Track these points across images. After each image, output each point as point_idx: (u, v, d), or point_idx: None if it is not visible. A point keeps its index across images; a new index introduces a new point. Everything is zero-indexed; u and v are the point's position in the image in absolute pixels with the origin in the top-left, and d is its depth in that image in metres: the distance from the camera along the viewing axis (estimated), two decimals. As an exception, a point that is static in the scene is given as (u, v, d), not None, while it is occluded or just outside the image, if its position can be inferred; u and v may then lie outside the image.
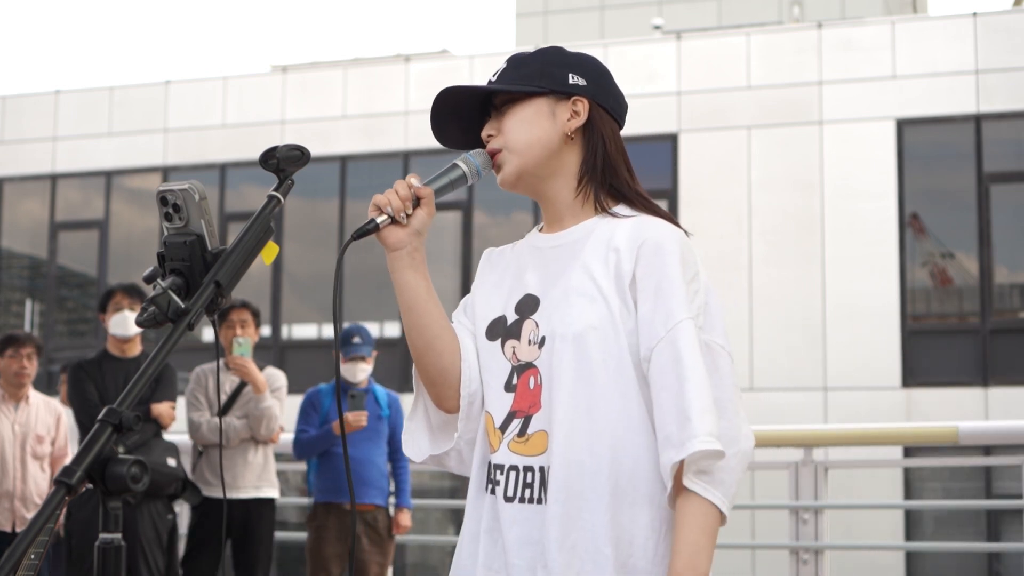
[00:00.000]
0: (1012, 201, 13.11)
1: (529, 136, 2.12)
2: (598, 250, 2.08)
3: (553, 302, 2.08)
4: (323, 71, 15.75)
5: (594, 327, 2.03)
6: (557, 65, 2.17)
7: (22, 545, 1.66)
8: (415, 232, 2.08)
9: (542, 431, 2.04)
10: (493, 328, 2.14)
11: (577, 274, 2.08)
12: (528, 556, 2.02)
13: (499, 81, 2.16)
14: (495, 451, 2.09)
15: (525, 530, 2.02)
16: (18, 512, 6.21)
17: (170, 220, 1.98)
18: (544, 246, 2.16)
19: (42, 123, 16.08)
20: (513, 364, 2.10)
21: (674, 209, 13.72)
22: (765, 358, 13.00)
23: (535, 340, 2.08)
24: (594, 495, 1.99)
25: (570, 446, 2.00)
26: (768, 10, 22.13)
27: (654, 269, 2.03)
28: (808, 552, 6.19)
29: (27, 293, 16.80)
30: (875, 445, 9.49)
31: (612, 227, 2.10)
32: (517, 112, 2.13)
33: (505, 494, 2.06)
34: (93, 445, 1.77)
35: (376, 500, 6.34)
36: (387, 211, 2.06)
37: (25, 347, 6.36)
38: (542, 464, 2.03)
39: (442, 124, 2.18)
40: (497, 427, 2.10)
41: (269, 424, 6.24)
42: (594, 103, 2.17)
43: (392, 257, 2.09)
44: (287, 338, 14.99)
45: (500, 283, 2.19)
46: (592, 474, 1.99)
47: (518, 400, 2.08)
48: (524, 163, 2.13)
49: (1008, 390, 12.46)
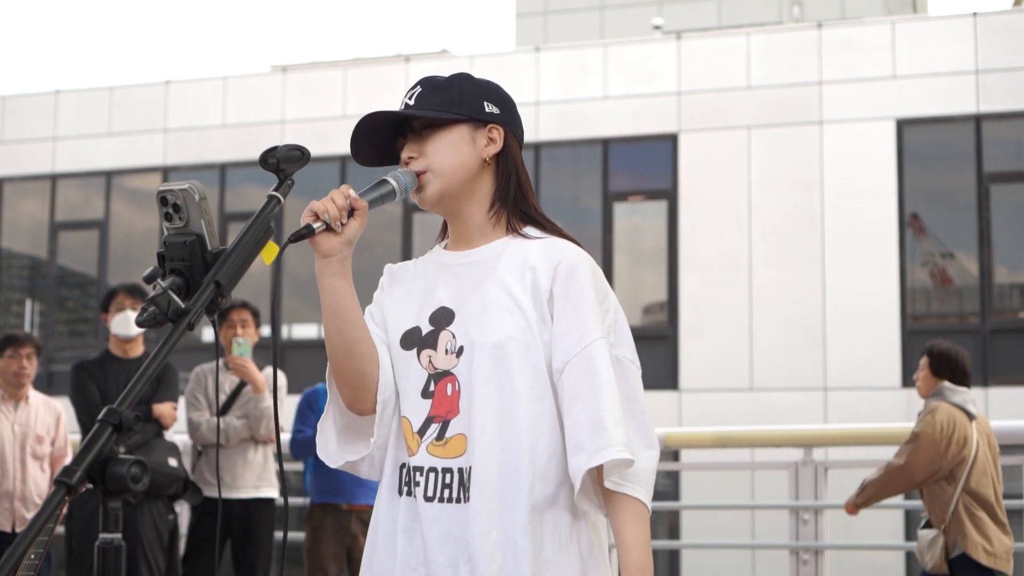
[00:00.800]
0: (1012, 201, 13.11)
1: (452, 161, 2.23)
2: (513, 267, 2.21)
3: (470, 314, 2.20)
4: (323, 71, 15.75)
5: (513, 337, 2.15)
6: (473, 94, 2.28)
7: (22, 545, 1.66)
8: (347, 241, 2.16)
9: (461, 435, 2.16)
10: (408, 338, 2.24)
11: (493, 288, 2.20)
12: (449, 552, 2.13)
13: (417, 104, 2.26)
14: (413, 454, 2.19)
15: (445, 528, 2.13)
16: (18, 512, 6.20)
17: (170, 220, 1.98)
18: (453, 263, 2.28)
19: (42, 123, 16.08)
20: (430, 372, 2.21)
21: (674, 209, 13.73)
22: (765, 358, 13.00)
23: (452, 349, 2.19)
24: (514, 493, 2.12)
25: (491, 448, 2.13)
26: (768, 10, 22.13)
27: (570, 289, 2.17)
28: (808, 552, 6.19)
29: (27, 293, 16.81)
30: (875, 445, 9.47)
31: (524, 247, 2.23)
32: (440, 137, 2.24)
33: (425, 494, 2.16)
34: (93, 445, 1.76)
35: (372, 500, 6.33)
36: (324, 218, 2.13)
37: (24, 347, 6.36)
38: (460, 465, 2.15)
39: (359, 142, 2.30)
40: (415, 431, 2.20)
41: (269, 424, 6.24)
42: (507, 131, 2.29)
43: (322, 263, 2.17)
44: (287, 338, 14.99)
45: (409, 296, 2.29)
46: (511, 474, 2.12)
47: (436, 406, 2.19)
48: (446, 185, 2.24)
49: (1008, 390, 12.46)
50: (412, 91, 2.29)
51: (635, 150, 14.12)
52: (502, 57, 15.02)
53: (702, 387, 13.22)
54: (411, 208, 14.11)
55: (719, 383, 13.05)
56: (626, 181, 14.18)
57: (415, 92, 2.28)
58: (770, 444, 6.71)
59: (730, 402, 12.80)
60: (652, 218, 14.01)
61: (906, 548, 11.99)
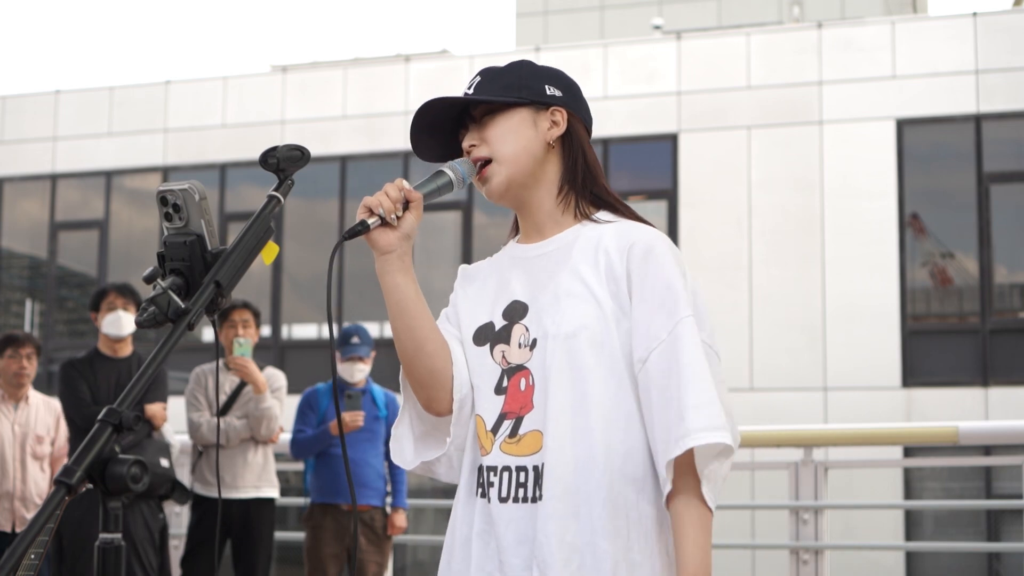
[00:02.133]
0: (1012, 201, 13.11)
1: (516, 146, 2.15)
2: (586, 253, 2.11)
3: (543, 306, 2.11)
4: (323, 71, 15.75)
5: (586, 326, 2.05)
6: (533, 77, 2.20)
7: (22, 545, 1.66)
8: (404, 235, 2.09)
9: (535, 431, 2.06)
10: (480, 333, 2.17)
11: (566, 278, 2.10)
12: (524, 555, 2.03)
13: (477, 92, 2.18)
14: (487, 453, 2.10)
15: (521, 529, 2.04)
16: (18, 512, 6.20)
17: (170, 220, 1.98)
18: (527, 256, 2.19)
19: (42, 123, 16.08)
20: (503, 367, 2.12)
21: (674, 209, 13.73)
22: (765, 358, 13.00)
23: (526, 343, 2.11)
24: (591, 491, 2.01)
25: (566, 443, 2.03)
26: (768, 10, 22.13)
27: (648, 271, 2.06)
28: (808, 552, 6.19)
29: (27, 293, 16.81)
30: (875, 445, 9.48)
31: (598, 232, 2.13)
32: (501, 123, 2.16)
33: (499, 495, 2.07)
34: (93, 445, 1.76)
35: (372, 501, 6.35)
36: (378, 212, 2.06)
37: (24, 347, 6.36)
38: (535, 463, 2.05)
39: (419, 137, 2.21)
40: (488, 429, 2.11)
41: (269, 424, 6.24)
42: (571, 113, 2.21)
43: (382, 260, 2.10)
44: (287, 338, 14.98)
45: (482, 293, 2.21)
46: (588, 471, 2.01)
47: (509, 402, 2.10)
48: (512, 173, 2.16)
49: (1008, 390, 12.46)
50: (473, 81, 2.21)
51: (635, 150, 14.12)
52: (502, 57, 15.01)
53: None
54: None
55: (719, 383, 13.04)
56: (626, 181, 14.18)
57: (475, 81, 2.20)
58: (770, 444, 6.69)
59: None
60: (652, 218, 13.84)
61: (906, 548, 12.02)
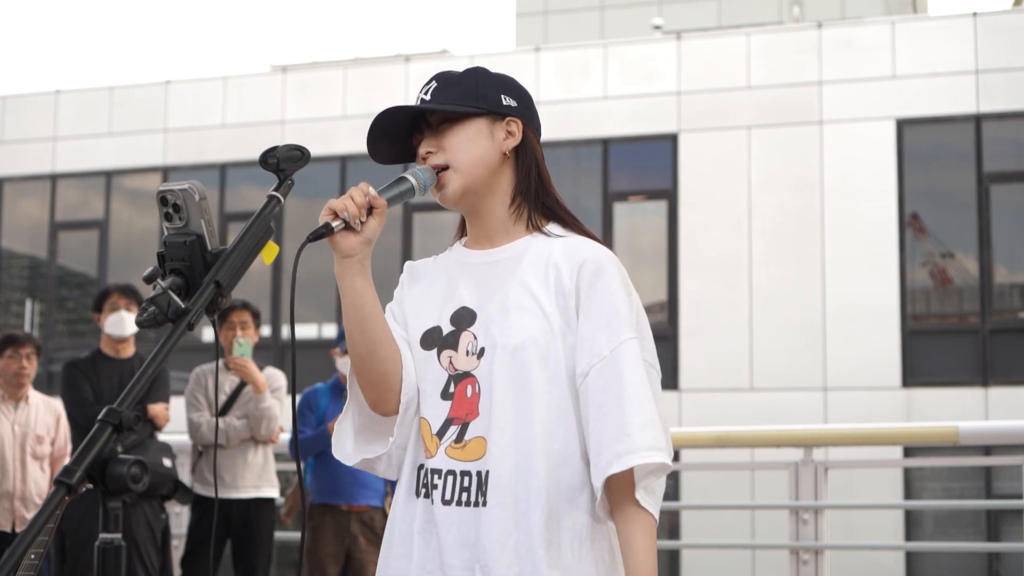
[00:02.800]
0: (1012, 201, 13.10)
1: (472, 155, 2.19)
2: (536, 267, 2.16)
3: (491, 315, 2.15)
4: (323, 71, 15.75)
5: (534, 339, 2.11)
6: (488, 86, 2.24)
7: (22, 545, 1.66)
8: (366, 240, 2.12)
9: (480, 437, 2.11)
10: (428, 338, 2.20)
11: (515, 289, 2.15)
12: (466, 557, 2.09)
13: (433, 99, 2.20)
14: (432, 456, 2.15)
15: (462, 532, 2.09)
16: (18, 512, 6.21)
17: (170, 220, 1.98)
18: (475, 262, 2.23)
19: (42, 123, 16.08)
20: (450, 373, 2.17)
21: (674, 209, 13.73)
22: (765, 358, 13.00)
23: (473, 351, 2.15)
24: (532, 499, 2.07)
25: (509, 451, 2.09)
26: (768, 10, 22.13)
27: (596, 289, 2.12)
28: (808, 552, 6.18)
29: (27, 293, 16.80)
30: (875, 445, 9.48)
31: (548, 245, 2.18)
32: (458, 132, 2.19)
33: (443, 497, 2.12)
34: (93, 445, 1.76)
35: (372, 501, 6.35)
36: (343, 216, 2.08)
37: (24, 347, 6.36)
38: (479, 469, 2.10)
39: (375, 140, 2.24)
40: (434, 433, 2.16)
41: (269, 424, 6.25)
42: (525, 123, 2.24)
43: (342, 263, 2.13)
44: (287, 338, 14.98)
45: (428, 294, 2.25)
46: (528, 478, 2.08)
47: (455, 407, 2.15)
48: (468, 181, 2.19)
49: (1008, 390, 12.46)
50: (427, 86, 2.23)
51: (635, 150, 14.12)
52: (502, 57, 15.02)
53: (702, 387, 13.22)
54: (411, 208, 14.11)
55: (719, 383, 13.05)
56: (626, 181, 14.18)
57: (430, 87, 2.23)
58: (770, 444, 6.70)
59: (730, 402, 12.80)
60: (652, 218, 14.01)
61: (906, 548, 12.02)
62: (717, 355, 13.13)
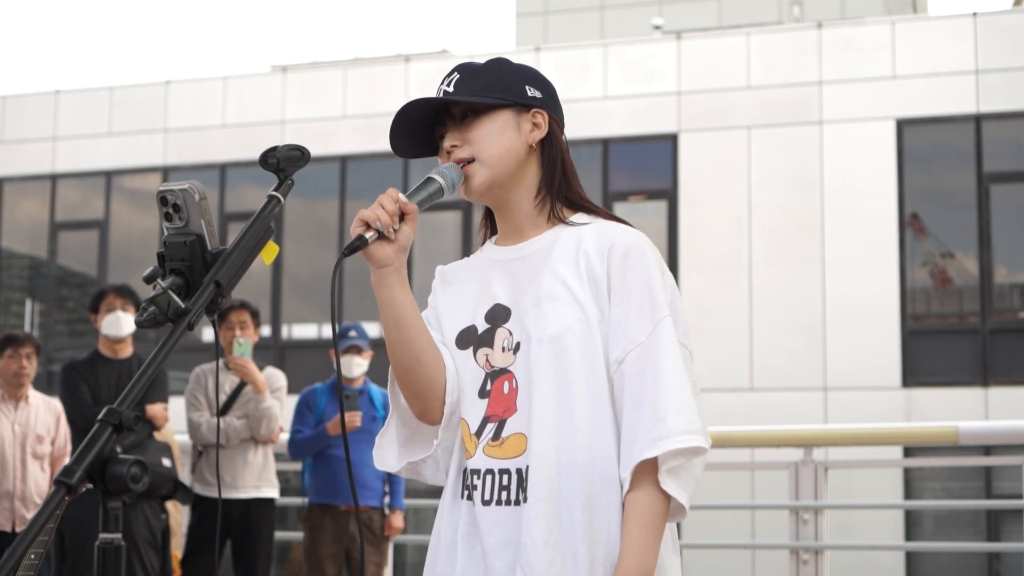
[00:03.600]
0: (1012, 201, 13.11)
1: (499, 148, 2.14)
2: (567, 256, 2.11)
3: (525, 309, 2.11)
4: (323, 71, 15.75)
5: (570, 329, 2.06)
6: (513, 76, 2.18)
7: (22, 545, 1.66)
8: (401, 248, 2.08)
9: (519, 434, 2.07)
10: (463, 337, 2.16)
11: (548, 280, 2.10)
12: (508, 558, 2.04)
13: (456, 90, 2.15)
14: (471, 456, 2.11)
15: (504, 532, 2.04)
16: (18, 512, 6.20)
17: (170, 220, 1.98)
18: (506, 258, 2.18)
19: (42, 123, 16.08)
20: (486, 371, 2.12)
21: (674, 209, 13.73)
22: (765, 358, 13.00)
23: (509, 347, 2.11)
24: (572, 494, 2.02)
25: (550, 446, 2.03)
26: (768, 10, 22.13)
27: (626, 272, 2.07)
28: (808, 552, 6.19)
29: (27, 293, 16.81)
30: (875, 445, 9.48)
31: (577, 234, 2.13)
32: (484, 124, 2.15)
33: (483, 498, 2.07)
34: (93, 445, 1.76)
35: (371, 502, 6.36)
36: (376, 226, 2.04)
37: (24, 347, 6.36)
38: (518, 466, 2.06)
39: (397, 134, 2.19)
40: (472, 433, 2.12)
41: (269, 424, 6.25)
42: (551, 115, 2.20)
43: (379, 274, 2.09)
44: (287, 338, 14.98)
45: (462, 295, 2.21)
46: (570, 474, 2.02)
47: (492, 405, 2.10)
48: (495, 174, 2.14)
49: (1008, 390, 12.46)
50: (449, 77, 2.17)
51: (635, 150, 14.12)
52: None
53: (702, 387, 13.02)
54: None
55: (719, 383, 13.05)
56: (626, 181, 14.18)
57: (453, 78, 2.16)
58: (770, 444, 6.70)
59: (730, 402, 12.80)
60: (652, 218, 14.01)
61: (906, 548, 12.02)
62: (717, 355, 13.13)
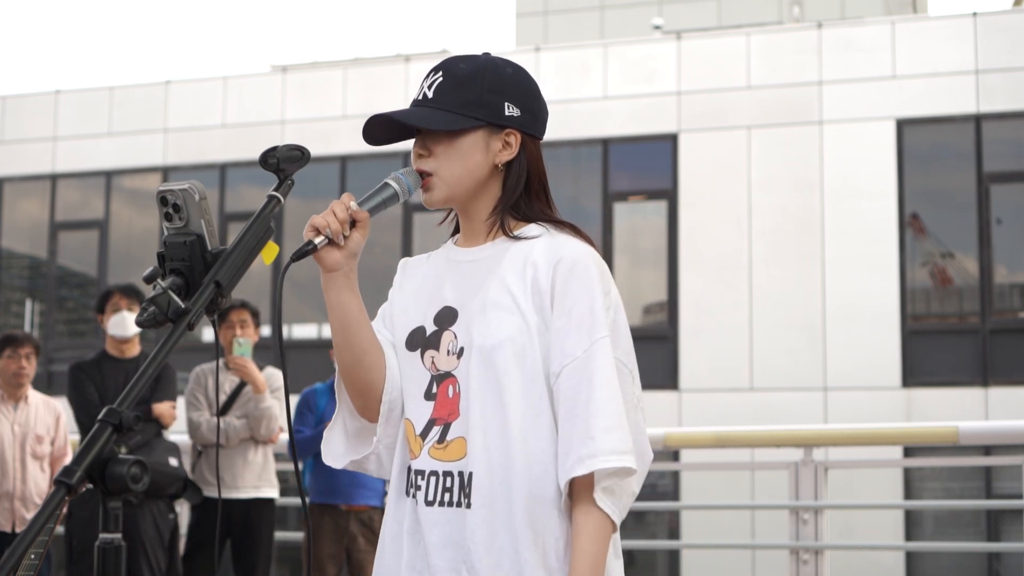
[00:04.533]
0: (1012, 201, 13.11)
1: (462, 169, 2.16)
2: (515, 265, 2.15)
3: (471, 314, 2.15)
4: (323, 71, 15.75)
5: (511, 339, 2.10)
6: (494, 91, 2.17)
7: (22, 545, 1.66)
8: (351, 254, 2.12)
9: (461, 438, 2.12)
10: (412, 338, 2.21)
11: (495, 288, 2.14)
12: (449, 557, 2.09)
13: (436, 97, 2.16)
14: (416, 457, 2.16)
15: (446, 532, 2.10)
16: (18, 512, 6.20)
17: (170, 220, 1.98)
18: (461, 260, 2.23)
19: (42, 123, 16.08)
20: (432, 373, 2.17)
21: (674, 209, 13.73)
22: (765, 358, 13.00)
23: (453, 350, 2.15)
24: (514, 500, 2.07)
25: (489, 452, 2.09)
26: (768, 10, 22.12)
27: (569, 287, 2.10)
28: (808, 552, 6.19)
29: (27, 293, 16.80)
30: (875, 445, 9.49)
31: (529, 244, 2.16)
32: (453, 142, 2.16)
33: (426, 498, 2.13)
34: (93, 445, 1.76)
35: (371, 501, 6.36)
36: (326, 233, 2.08)
37: (23, 347, 6.36)
38: (460, 469, 2.11)
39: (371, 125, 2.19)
40: (418, 434, 2.17)
41: (269, 424, 6.25)
42: (524, 134, 2.20)
43: (327, 277, 2.13)
44: (287, 338, 14.98)
45: (418, 294, 2.26)
46: (510, 480, 2.08)
47: (438, 408, 2.15)
48: (452, 193, 2.18)
49: (1008, 390, 12.46)
50: (434, 77, 2.19)
51: (635, 150, 14.12)
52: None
53: (702, 387, 13.22)
54: (411, 208, 14.11)
55: (719, 383, 13.05)
56: (626, 181, 14.18)
57: (436, 80, 2.18)
58: (770, 444, 6.70)
59: (730, 402, 12.80)
60: (652, 218, 14.01)
61: (906, 548, 12.02)
62: (717, 355, 13.13)
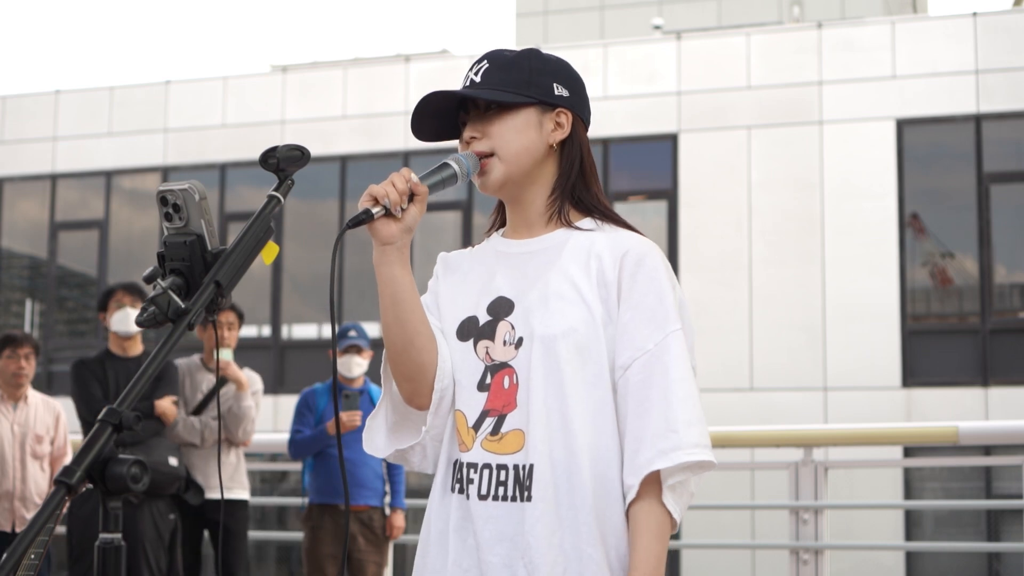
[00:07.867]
0: (1012, 201, 13.11)
1: (519, 146, 2.13)
2: (578, 257, 2.10)
3: (530, 305, 2.09)
4: (323, 71, 15.75)
5: (575, 329, 2.05)
6: (542, 73, 2.17)
7: (22, 545, 1.66)
8: (407, 228, 2.06)
9: (517, 430, 2.06)
10: (464, 328, 2.14)
11: (556, 278, 2.09)
12: (503, 553, 2.03)
13: (484, 81, 2.15)
14: (468, 450, 2.09)
15: (499, 527, 2.03)
16: (18, 512, 6.21)
17: (170, 220, 1.98)
18: (514, 251, 2.17)
19: (42, 123, 16.08)
20: (487, 364, 2.11)
21: (674, 209, 13.73)
22: (765, 358, 13.00)
23: (511, 341, 2.09)
24: (578, 494, 2.01)
25: (550, 445, 2.03)
26: (768, 10, 22.12)
27: (637, 280, 2.07)
28: (808, 552, 6.19)
29: (27, 293, 16.80)
30: (875, 445, 9.49)
31: (589, 237, 2.13)
32: (506, 120, 2.13)
33: (479, 492, 2.06)
34: (93, 445, 1.76)
35: (371, 501, 6.36)
36: (384, 203, 2.03)
37: (23, 347, 6.36)
38: (516, 462, 2.04)
39: (419, 119, 2.18)
40: (470, 426, 2.10)
41: (246, 427, 6.28)
42: (575, 115, 2.18)
43: (381, 251, 2.07)
44: (287, 338, 14.98)
45: (464, 285, 2.19)
46: (574, 475, 2.02)
47: (492, 399, 2.09)
48: (511, 171, 2.14)
49: (1008, 390, 12.46)
50: (479, 66, 2.17)
51: (635, 150, 14.12)
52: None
53: (702, 387, 13.02)
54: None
55: (719, 383, 13.05)
56: (626, 181, 14.18)
57: (482, 67, 2.16)
58: (770, 444, 6.70)
59: (730, 402, 12.80)
60: (652, 218, 14.01)
61: (906, 548, 12.02)
62: (717, 355, 13.13)
